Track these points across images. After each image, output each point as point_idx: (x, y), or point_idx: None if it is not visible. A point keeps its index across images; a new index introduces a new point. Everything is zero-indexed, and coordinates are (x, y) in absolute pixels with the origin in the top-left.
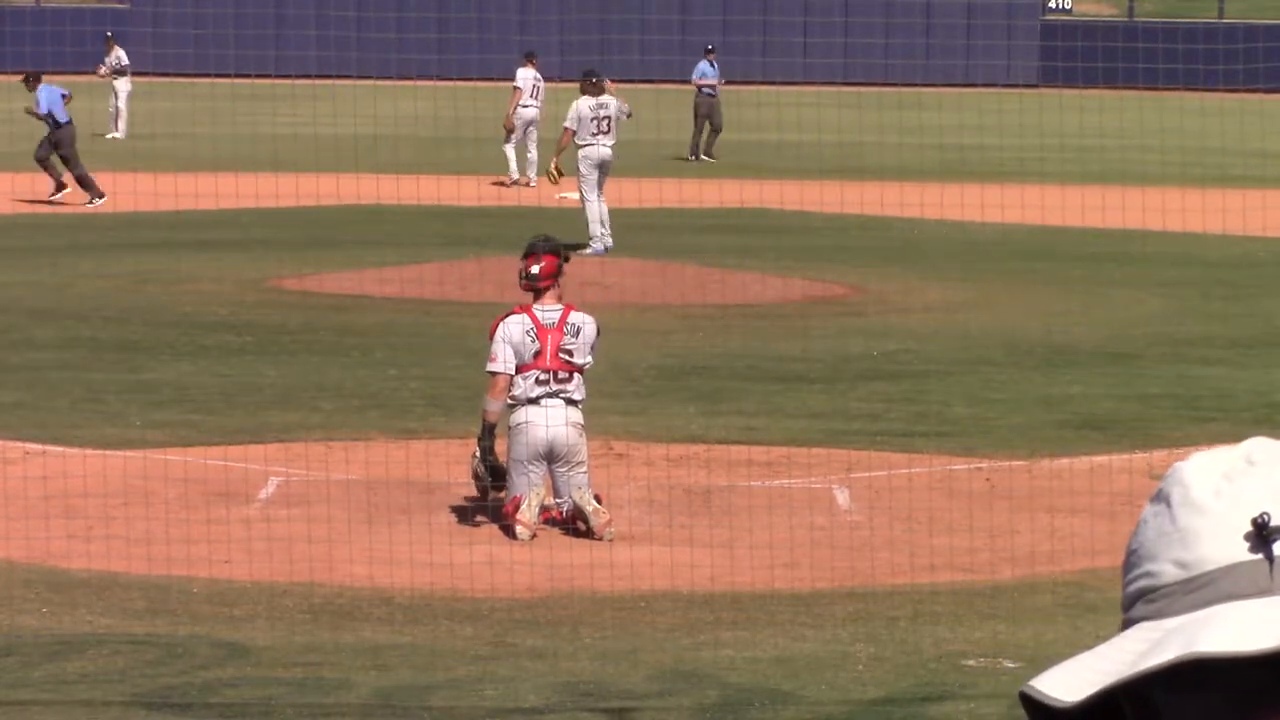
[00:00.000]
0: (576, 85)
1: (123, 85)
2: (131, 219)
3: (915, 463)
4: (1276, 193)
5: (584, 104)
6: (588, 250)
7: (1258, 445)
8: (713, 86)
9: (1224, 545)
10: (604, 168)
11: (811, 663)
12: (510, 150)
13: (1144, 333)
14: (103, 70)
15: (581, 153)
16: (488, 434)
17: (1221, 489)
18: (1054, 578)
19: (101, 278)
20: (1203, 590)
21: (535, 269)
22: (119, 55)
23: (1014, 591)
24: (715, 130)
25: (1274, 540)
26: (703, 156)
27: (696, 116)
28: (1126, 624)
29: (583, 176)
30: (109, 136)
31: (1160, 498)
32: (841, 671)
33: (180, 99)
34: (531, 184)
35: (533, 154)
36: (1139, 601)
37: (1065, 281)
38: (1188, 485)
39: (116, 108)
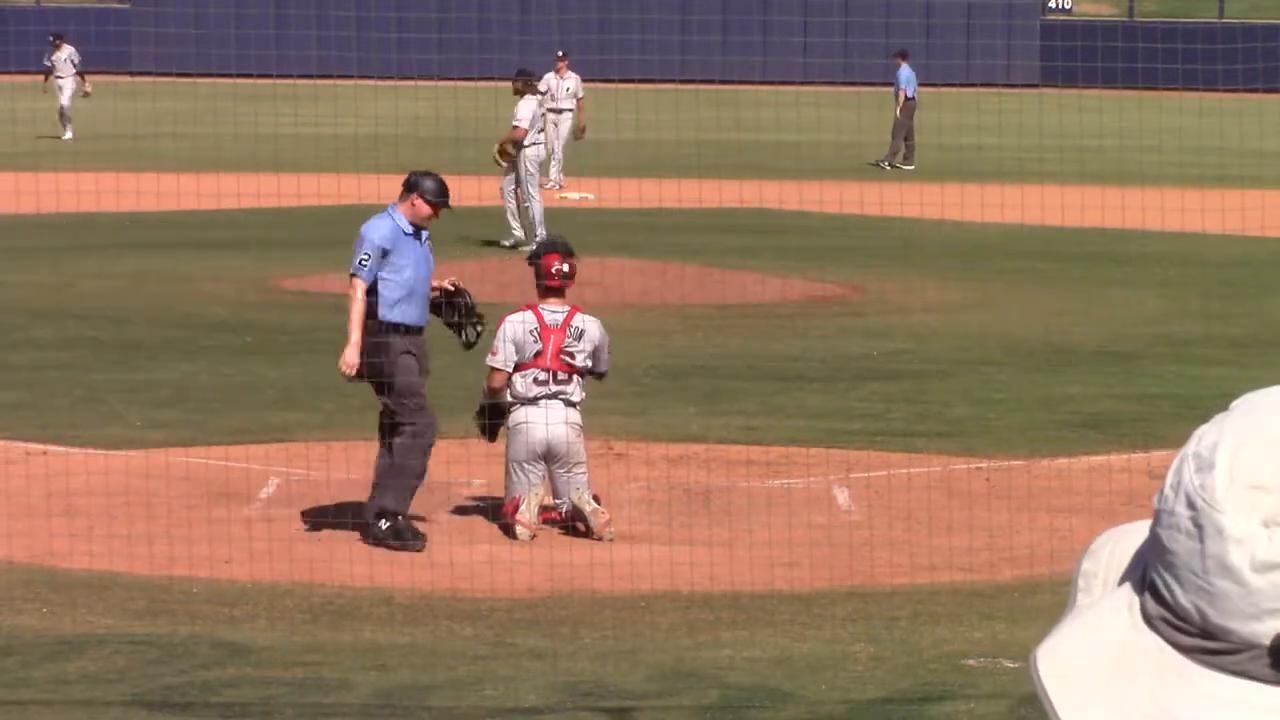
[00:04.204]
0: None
1: (68, 85)
2: (131, 219)
3: (915, 463)
4: (1276, 193)
5: (533, 103)
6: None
7: None
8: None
9: (1251, 627)
10: (541, 166)
11: (811, 663)
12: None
13: (1144, 333)
14: (57, 71)
15: (527, 152)
16: (486, 395)
17: (1258, 557)
18: (1054, 578)
19: (102, 278)
20: (1220, 657)
21: (567, 267)
22: (71, 53)
23: (1014, 591)
24: (908, 137)
25: None
26: (899, 165)
27: (902, 123)
28: (1143, 586)
29: (529, 175)
30: (65, 138)
31: (1197, 522)
32: (841, 671)
33: (180, 99)
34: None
35: (558, 155)
36: (1161, 610)
37: (1065, 281)
38: (1226, 536)
39: (62, 107)
